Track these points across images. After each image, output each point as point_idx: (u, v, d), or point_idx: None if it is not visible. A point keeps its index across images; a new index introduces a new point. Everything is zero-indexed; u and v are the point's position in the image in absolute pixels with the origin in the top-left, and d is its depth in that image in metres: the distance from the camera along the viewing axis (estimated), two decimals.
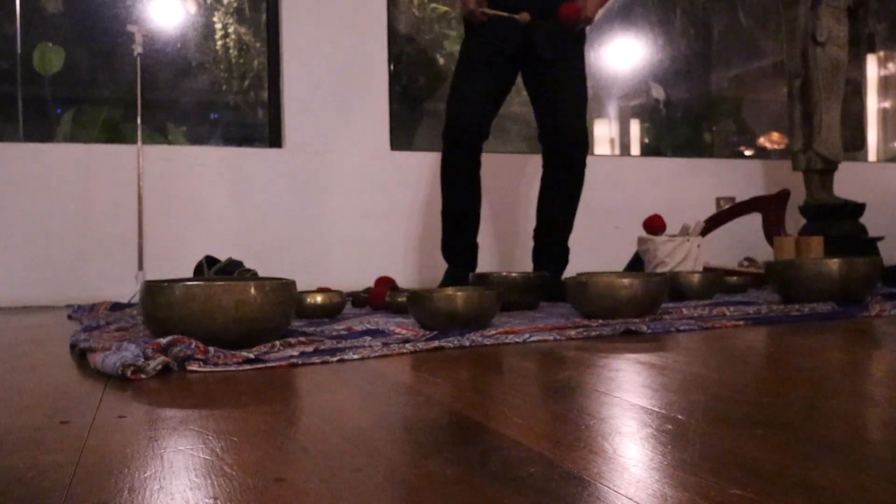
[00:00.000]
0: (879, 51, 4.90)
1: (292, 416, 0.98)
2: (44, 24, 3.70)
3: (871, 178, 4.40)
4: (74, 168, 3.14)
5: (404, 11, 4.12)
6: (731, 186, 3.76)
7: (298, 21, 3.44)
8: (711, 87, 5.00)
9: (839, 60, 3.68)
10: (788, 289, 2.13)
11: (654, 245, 2.66)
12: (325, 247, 3.39)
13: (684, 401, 0.98)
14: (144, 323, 1.51)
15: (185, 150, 3.50)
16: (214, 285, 1.42)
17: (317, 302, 2.11)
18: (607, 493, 0.61)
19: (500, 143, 3.92)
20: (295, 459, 0.74)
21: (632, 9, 4.60)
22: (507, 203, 3.58)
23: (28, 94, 3.63)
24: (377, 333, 1.65)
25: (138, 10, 3.67)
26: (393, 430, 0.88)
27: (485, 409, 0.95)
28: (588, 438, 0.79)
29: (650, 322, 1.76)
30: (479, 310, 1.74)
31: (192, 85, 3.92)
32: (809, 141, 3.72)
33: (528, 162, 3.62)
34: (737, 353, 1.48)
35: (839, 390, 1.06)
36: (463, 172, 2.58)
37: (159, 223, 3.13)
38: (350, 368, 1.29)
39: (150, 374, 1.22)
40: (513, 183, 3.64)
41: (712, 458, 0.70)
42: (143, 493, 0.64)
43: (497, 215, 3.50)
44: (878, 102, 4.96)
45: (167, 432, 0.86)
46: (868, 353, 1.48)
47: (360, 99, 3.49)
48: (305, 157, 3.42)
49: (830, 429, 0.82)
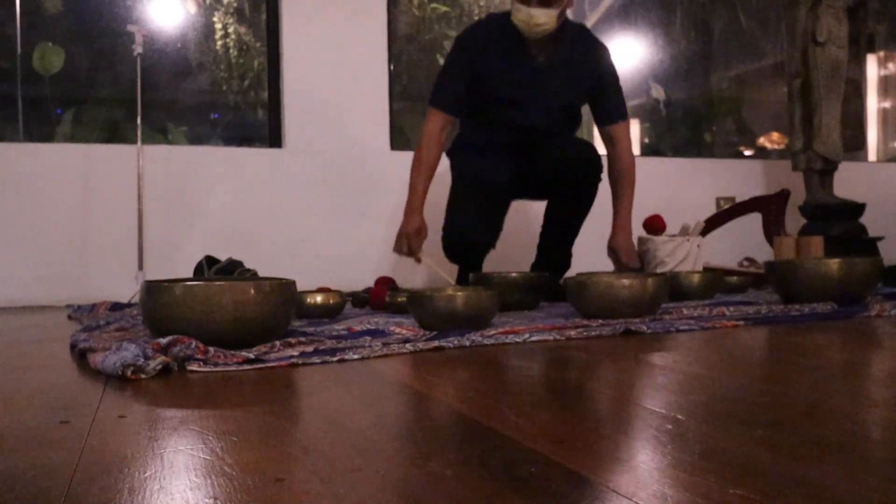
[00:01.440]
0: (879, 51, 4.90)
1: (292, 416, 0.98)
2: (44, 24, 3.70)
3: (871, 178, 4.40)
4: (74, 168, 3.14)
5: (404, 11, 4.13)
6: (731, 186, 3.76)
7: (298, 21, 3.44)
8: (711, 87, 5.00)
9: (839, 60, 3.68)
10: (788, 289, 2.13)
11: (654, 245, 2.66)
12: (324, 247, 3.39)
13: (684, 401, 0.98)
14: (144, 323, 1.51)
15: (185, 150, 3.50)
16: (214, 285, 1.42)
17: (317, 302, 2.11)
18: (607, 493, 0.61)
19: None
20: (295, 459, 0.74)
21: (632, 9, 4.60)
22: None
23: (28, 94, 3.63)
24: (377, 333, 1.65)
25: (138, 10, 3.67)
26: (393, 430, 0.88)
27: (485, 409, 0.95)
28: (588, 438, 0.79)
29: (650, 322, 1.76)
30: (479, 310, 1.74)
31: (192, 85, 3.92)
32: (809, 141, 3.73)
33: None
34: (737, 353, 1.47)
35: (839, 390, 1.06)
36: (465, 269, 2.53)
37: (159, 223, 3.13)
38: (350, 368, 1.29)
39: (150, 374, 1.22)
40: None
41: (712, 458, 0.70)
42: (143, 493, 0.64)
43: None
44: (878, 102, 4.96)
45: (167, 432, 0.86)
46: (868, 353, 1.48)
47: (360, 99, 3.49)
48: (305, 157, 3.42)
49: (830, 429, 0.82)
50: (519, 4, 2.34)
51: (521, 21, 2.35)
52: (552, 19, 2.34)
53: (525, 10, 2.33)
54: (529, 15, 2.33)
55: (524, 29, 2.37)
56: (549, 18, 2.34)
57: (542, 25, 2.34)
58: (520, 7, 2.34)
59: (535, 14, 2.32)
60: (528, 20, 2.34)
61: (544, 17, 2.33)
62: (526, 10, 2.33)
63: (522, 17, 2.34)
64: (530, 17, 2.33)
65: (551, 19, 2.34)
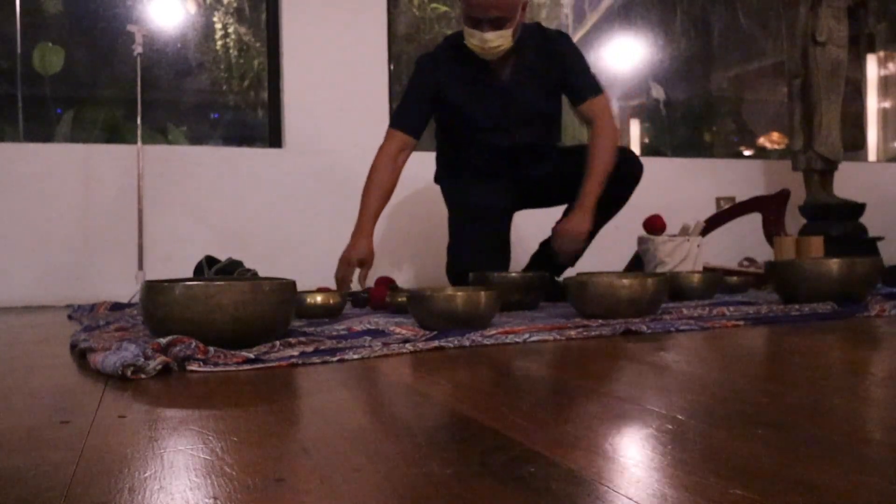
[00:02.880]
0: (879, 51, 4.90)
1: (292, 416, 0.98)
2: (44, 24, 3.70)
3: (871, 178, 4.41)
4: (74, 168, 3.14)
5: (404, 11, 4.13)
6: (731, 186, 3.76)
7: (298, 21, 3.44)
8: (711, 87, 5.00)
9: (839, 60, 3.69)
10: (788, 289, 2.13)
11: (654, 245, 2.66)
12: (324, 247, 3.38)
13: (684, 401, 0.98)
14: (144, 323, 1.51)
15: (185, 150, 3.50)
16: (214, 285, 1.42)
17: (317, 302, 2.11)
18: (607, 493, 0.61)
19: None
20: (295, 459, 0.74)
21: (632, 9, 4.60)
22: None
23: (28, 94, 3.64)
24: (377, 333, 1.65)
25: (138, 10, 3.67)
26: (393, 430, 0.88)
27: (485, 409, 0.95)
28: (588, 438, 0.79)
29: (650, 322, 1.76)
30: (479, 310, 1.74)
31: (192, 85, 3.92)
32: (809, 141, 3.73)
33: None
34: (737, 353, 1.47)
35: (839, 390, 1.06)
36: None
37: (159, 223, 3.13)
38: (350, 368, 1.29)
39: (150, 374, 1.22)
40: None
41: (712, 458, 0.70)
42: (143, 493, 0.64)
43: None
44: (878, 102, 4.96)
45: (167, 432, 0.86)
46: (868, 353, 1.48)
47: (360, 99, 3.49)
48: (305, 157, 3.42)
49: (830, 429, 0.82)
50: (471, 29, 2.27)
51: (475, 46, 2.29)
52: (506, 39, 2.28)
53: (478, 35, 2.26)
54: (483, 39, 2.26)
55: (480, 53, 2.31)
56: (503, 40, 2.27)
57: (498, 47, 2.28)
58: (473, 32, 2.27)
59: (488, 38, 2.25)
60: (482, 45, 2.27)
61: (498, 39, 2.26)
62: (479, 34, 2.26)
63: (476, 42, 2.28)
64: (484, 41, 2.26)
65: (506, 39, 2.28)
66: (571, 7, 4.61)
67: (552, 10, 4.61)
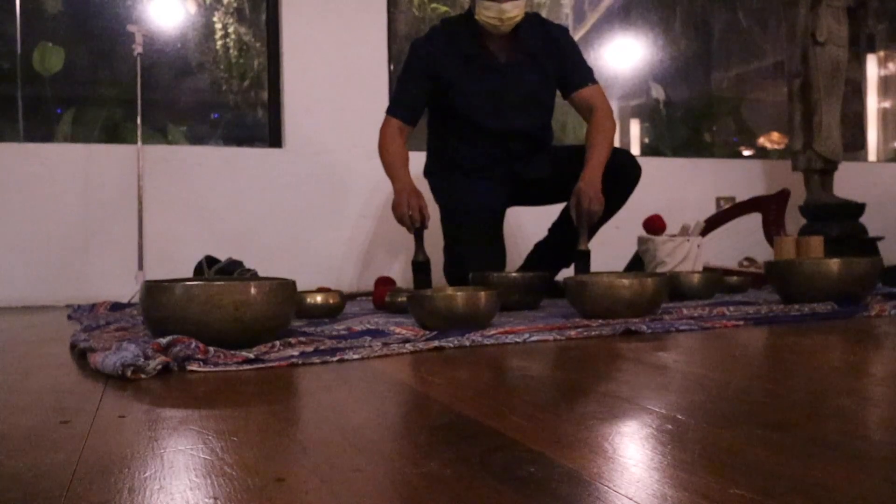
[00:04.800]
0: (879, 51, 4.90)
1: (292, 416, 0.98)
2: (44, 24, 3.70)
3: (871, 178, 4.40)
4: (74, 168, 3.13)
5: (404, 11, 4.12)
6: (731, 186, 3.76)
7: (298, 21, 3.44)
8: (711, 87, 5.00)
9: (839, 60, 3.68)
10: (788, 289, 2.13)
11: (654, 245, 2.66)
12: (325, 247, 3.39)
13: (684, 401, 0.98)
14: (144, 323, 1.51)
15: (185, 150, 3.50)
16: (214, 285, 1.42)
17: (317, 302, 2.11)
18: (607, 492, 0.61)
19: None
20: (295, 459, 0.74)
21: (632, 9, 4.60)
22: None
23: (28, 94, 3.64)
24: (377, 333, 1.65)
25: (138, 10, 3.67)
26: (393, 430, 0.88)
27: (485, 409, 0.95)
28: (588, 438, 0.79)
29: (650, 322, 1.76)
30: (479, 310, 1.74)
31: (192, 85, 3.92)
32: (809, 141, 3.72)
33: None
34: (737, 353, 1.47)
35: (839, 390, 1.06)
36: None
37: (159, 223, 3.13)
38: (350, 368, 1.29)
39: (150, 374, 1.22)
40: None
41: (712, 458, 0.70)
42: (143, 493, 0.64)
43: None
44: (878, 102, 4.96)
45: (167, 432, 0.86)
46: (868, 353, 1.48)
47: (360, 99, 3.49)
48: (305, 157, 3.42)
49: (830, 429, 0.82)
50: (489, 2, 2.29)
51: (492, 17, 2.31)
52: (521, 10, 2.33)
53: (496, 7, 2.29)
54: (501, 10, 2.29)
55: (494, 25, 2.33)
56: (519, 10, 2.32)
57: (515, 17, 2.32)
58: (490, 4, 2.29)
59: (506, 8, 2.29)
60: (499, 15, 2.30)
61: (515, 9, 2.30)
62: (497, 6, 2.29)
63: (493, 14, 2.30)
64: (502, 12, 2.29)
65: (521, 10, 2.33)
66: (571, 7, 4.61)
67: (552, 10, 4.61)
